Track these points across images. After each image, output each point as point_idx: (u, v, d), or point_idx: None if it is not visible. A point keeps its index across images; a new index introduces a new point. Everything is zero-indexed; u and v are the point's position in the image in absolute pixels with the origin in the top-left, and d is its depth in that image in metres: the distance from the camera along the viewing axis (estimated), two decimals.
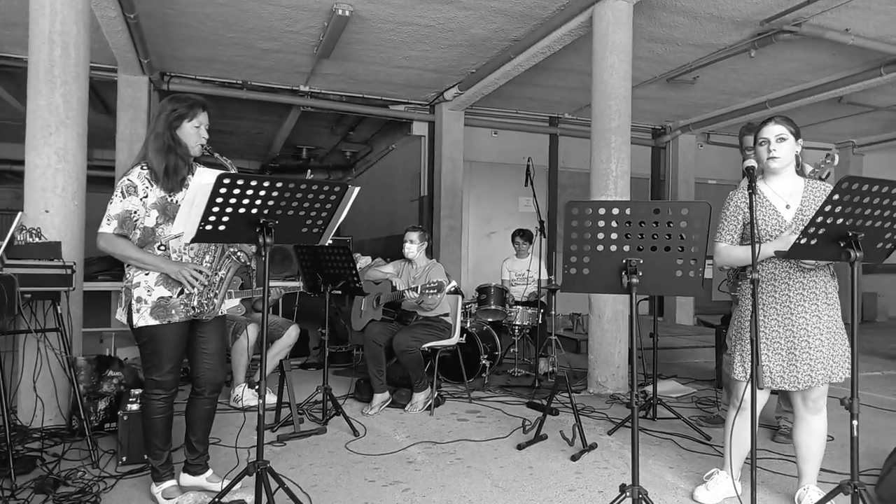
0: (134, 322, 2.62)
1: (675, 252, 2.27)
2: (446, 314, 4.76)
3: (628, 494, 2.27)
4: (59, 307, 3.55)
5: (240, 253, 2.82)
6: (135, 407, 3.23)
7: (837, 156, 3.09)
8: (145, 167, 2.64)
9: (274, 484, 2.44)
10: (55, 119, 3.88)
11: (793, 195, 2.71)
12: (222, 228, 2.34)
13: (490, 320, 5.83)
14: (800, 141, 2.73)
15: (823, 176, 3.14)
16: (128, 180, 2.60)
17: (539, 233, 5.63)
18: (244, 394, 4.38)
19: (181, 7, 5.55)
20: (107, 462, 3.25)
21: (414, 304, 4.59)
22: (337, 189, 2.45)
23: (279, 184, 2.30)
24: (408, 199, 9.97)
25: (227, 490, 2.58)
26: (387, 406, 4.48)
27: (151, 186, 2.63)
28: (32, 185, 3.88)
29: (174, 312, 2.64)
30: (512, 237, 6.34)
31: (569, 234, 2.30)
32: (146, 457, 2.88)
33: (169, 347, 2.66)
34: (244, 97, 7.85)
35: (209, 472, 2.91)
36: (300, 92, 8.05)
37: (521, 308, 5.80)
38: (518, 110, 9.11)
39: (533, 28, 5.87)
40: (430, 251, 8.24)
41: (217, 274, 2.76)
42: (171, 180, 2.65)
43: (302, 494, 2.82)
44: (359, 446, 3.64)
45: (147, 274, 2.63)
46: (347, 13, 5.48)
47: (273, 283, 5.13)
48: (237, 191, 2.25)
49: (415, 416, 4.31)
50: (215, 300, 2.75)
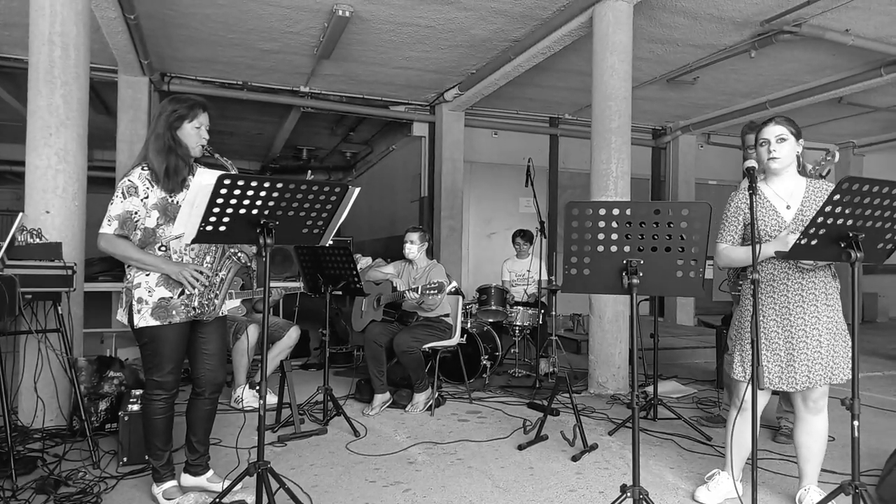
0: (135, 323, 2.63)
1: (676, 252, 2.27)
2: (447, 315, 4.76)
3: (629, 495, 2.27)
4: (60, 308, 3.55)
5: (240, 254, 2.83)
6: (135, 407, 3.23)
7: (838, 153, 3.09)
8: (146, 168, 2.64)
9: (275, 484, 2.44)
10: (55, 120, 3.89)
11: (793, 196, 2.71)
12: (223, 229, 2.34)
13: (491, 321, 5.83)
14: (801, 141, 2.72)
15: (824, 173, 3.14)
16: (128, 181, 2.61)
17: (539, 233, 5.63)
18: (245, 395, 4.38)
19: (181, 8, 5.56)
20: (108, 462, 3.25)
21: (414, 305, 4.59)
22: (337, 190, 2.45)
23: (279, 184, 2.30)
24: (408, 200, 9.97)
25: (228, 490, 2.57)
26: (387, 406, 4.48)
27: (152, 187, 2.63)
28: (33, 186, 3.88)
29: (175, 313, 2.64)
30: (513, 238, 6.34)
31: (569, 235, 2.30)
32: (147, 457, 2.89)
33: (170, 348, 2.66)
34: (244, 98, 7.85)
35: (210, 473, 2.92)
36: (300, 93, 8.05)
37: (522, 308, 5.80)
38: (518, 111, 9.11)
39: (533, 29, 5.87)
40: (431, 252, 8.24)
41: (217, 275, 2.77)
42: (172, 181, 2.66)
43: (303, 495, 2.82)
44: (359, 447, 3.64)
45: (148, 275, 2.63)
46: (348, 14, 5.49)
47: (274, 284, 5.12)
48: (238, 191, 2.25)
49: (415, 417, 4.31)
50: (216, 301, 2.76)
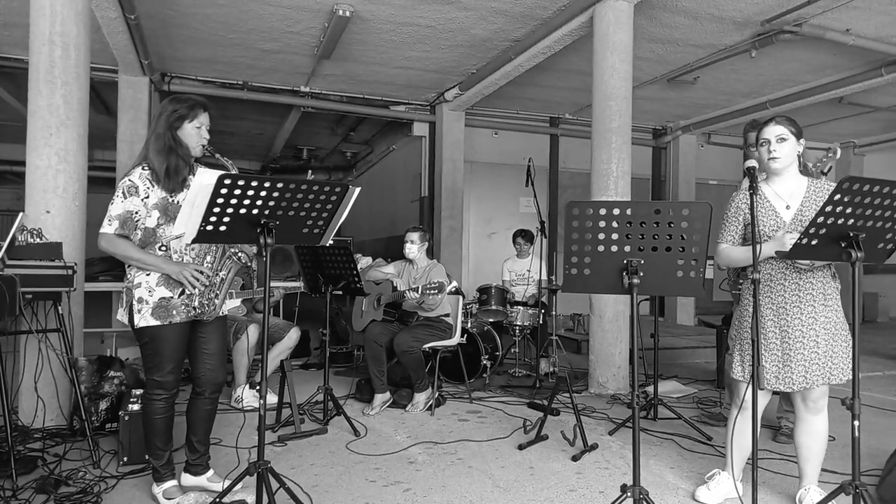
0: (135, 322, 2.63)
1: (676, 252, 2.27)
2: (447, 314, 4.76)
3: (629, 495, 2.27)
4: (60, 308, 3.55)
5: (241, 254, 2.83)
6: (136, 407, 3.23)
7: (840, 149, 3.08)
8: (146, 168, 2.64)
9: (275, 484, 2.44)
10: (56, 120, 3.89)
11: (794, 196, 2.70)
12: (223, 229, 2.34)
13: (491, 320, 5.83)
14: (802, 141, 2.72)
15: (825, 170, 3.14)
16: (129, 181, 2.61)
17: (540, 233, 5.63)
18: (245, 394, 4.38)
19: (182, 8, 5.56)
20: (108, 462, 3.25)
21: (415, 305, 4.59)
22: (338, 190, 2.45)
23: (280, 184, 2.30)
24: (408, 200, 9.97)
25: (229, 490, 2.57)
26: (388, 406, 4.48)
27: (153, 187, 2.63)
28: (33, 186, 3.88)
29: (175, 313, 2.65)
30: (513, 237, 6.34)
31: (569, 235, 2.30)
32: (147, 457, 2.90)
33: (170, 348, 2.67)
34: (245, 98, 7.85)
35: (210, 473, 2.92)
36: (301, 92, 8.05)
37: (522, 308, 5.80)
38: (519, 111, 9.10)
39: (533, 28, 5.87)
40: (431, 252, 8.24)
41: (218, 274, 2.77)
42: (173, 181, 2.66)
43: (303, 494, 2.82)
44: (360, 446, 3.64)
45: (148, 274, 2.63)
46: (348, 14, 5.49)
47: (274, 284, 5.13)
48: (238, 191, 2.25)
49: (416, 417, 4.31)
50: (216, 301, 2.76)
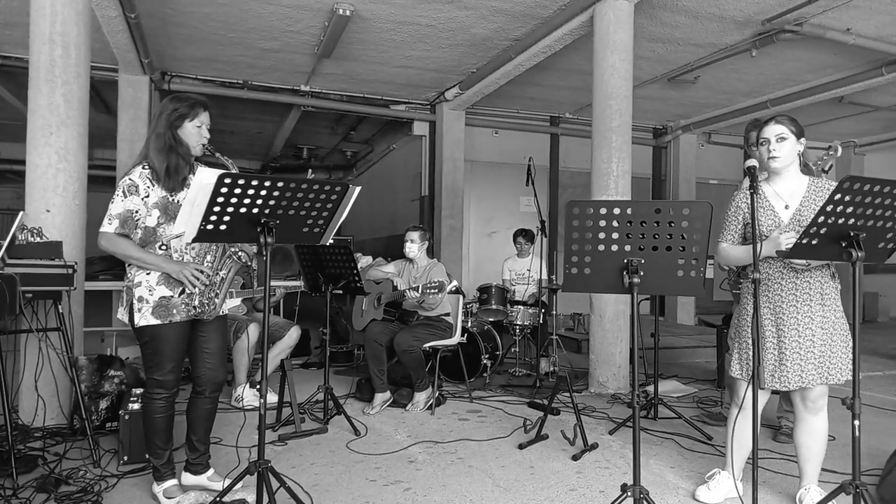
0: (135, 321, 2.63)
1: (677, 252, 2.27)
2: (447, 314, 4.76)
3: (629, 494, 2.27)
4: (61, 307, 3.55)
5: (241, 253, 2.82)
6: (136, 406, 3.23)
7: (840, 147, 3.08)
8: (147, 167, 2.64)
9: (275, 483, 2.44)
10: (56, 119, 3.89)
11: (794, 195, 2.70)
12: (223, 228, 2.34)
13: (491, 320, 5.84)
14: (802, 140, 2.71)
15: (826, 168, 3.14)
16: (129, 180, 2.61)
17: (540, 232, 5.63)
18: (245, 393, 4.38)
19: (181, 7, 5.55)
20: (108, 461, 3.25)
21: (415, 304, 4.59)
22: (338, 189, 2.45)
23: (280, 183, 2.30)
24: (408, 199, 9.97)
25: (229, 489, 2.57)
26: (388, 405, 4.48)
27: (153, 186, 2.63)
28: (33, 185, 3.88)
29: (175, 312, 2.65)
30: (514, 237, 6.33)
31: (570, 234, 2.30)
32: (147, 456, 2.90)
33: (170, 347, 2.67)
34: (245, 97, 7.85)
35: (210, 472, 2.92)
36: (301, 91, 8.05)
37: (523, 308, 5.80)
38: (519, 110, 9.10)
39: (534, 27, 5.86)
40: (431, 251, 8.25)
41: (218, 274, 2.76)
42: (173, 180, 2.65)
43: (303, 494, 2.82)
44: (360, 446, 3.64)
45: (148, 273, 2.63)
46: (348, 13, 5.48)
47: (274, 283, 5.12)
48: (238, 190, 2.25)
49: (416, 416, 4.31)
50: (216, 300, 2.75)
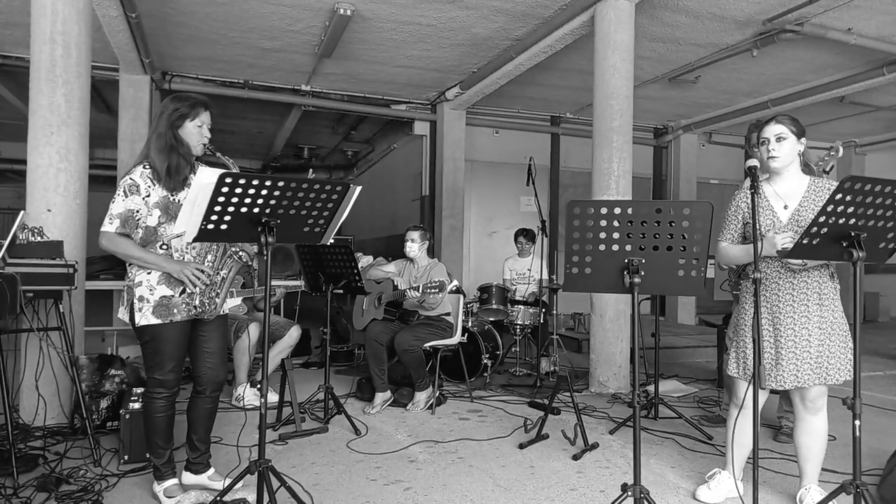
0: (136, 321, 2.63)
1: (677, 252, 2.27)
2: (448, 313, 4.76)
3: (630, 494, 2.27)
4: (61, 306, 3.55)
5: (241, 252, 2.83)
6: (137, 406, 3.23)
7: (842, 148, 3.07)
8: (147, 166, 2.64)
9: (275, 483, 2.45)
10: (57, 118, 3.89)
11: (793, 196, 2.70)
12: (224, 228, 2.34)
13: (492, 319, 5.83)
14: (803, 140, 2.71)
15: (827, 169, 3.14)
16: (130, 179, 2.61)
17: (541, 232, 5.63)
18: (246, 393, 4.38)
19: (182, 6, 5.55)
20: (109, 460, 3.26)
21: (415, 304, 4.59)
22: (338, 188, 2.45)
23: (281, 183, 2.30)
24: (409, 199, 9.97)
25: (229, 489, 2.58)
26: (388, 405, 4.48)
27: (154, 185, 2.63)
28: (34, 185, 3.89)
29: (176, 311, 2.65)
30: (515, 237, 6.33)
31: (570, 234, 2.30)
32: (148, 455, 2.90)
33: (171, 346, 2.67)
34: (245, 96, 7.85)
35: (211, 471, 2.92)
36: (302, 91, 8.05)
37: (523, 307, 5.80)
38: (520, 110, 9.10)
39: (535, 27, 5.86)
40: (432, 251, 8.24)
41: (219, 273, 2.77)
42: (174, 179, 2.66)
43: (304, 493, 2.82)
44: (360, 445, 3.64)
45: (149, 273, 2.63)
46: (349, 12, 5.48)
47: (275, 283, 5.13)
48: (239, 190, 2.25)
49: (416, 416, 4.31)
50: (217, 299, 2.76)
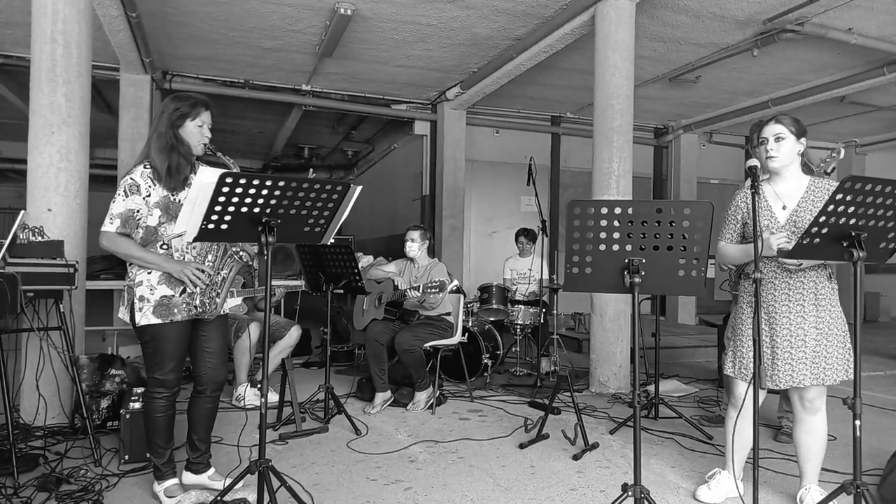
0: (136, 321, 2.63)
1: (678, 252, 2.27)
2: (448, 313, 4.76)
3: (630, 494, 2.27)
4: (62, 306, 3.56)
5: (242, 252, 2.83)
6: (137, 405, 3.23)
7: (843, 150, 3.07)
8: (148, 166, 2.64)
9: (276, 482, 2.45)
10: (57, 118, 3.89)
11: (792, 196, 2.70)
12: (224, 227, 2.34)
13: (492, 319, 5.83)
14: (802, 140, 2.71)
15: (828, 170, 3.14)
16: (131, 179, 2.61)
17: (541, 232, 5.63)
18: (246, 393, 4.38)
19: (183, 6, 5.55)
20: (109, 460, 3.26)
21: (416, 304, 4.59)
22: (339, 188, 2.45)
23: (281, 183, 2.30)
24: (409, 199, 9.97)
25: (230, 488, 2.58)
26: (389, 405, 4.48)
27: (154, 185, 2.63)
28: (35, 184, 3.89)
29: (176, 311, 2.65)
30: (516, 236, 6.33)
31: (571, 234, 2.30)
32: (148, 455, 2.90)
33: (171, 346, 2.67)
34: (246, 96, 7.85)
35: (211, 471, 2.92)
36: (302, 91, 8.05)
37: (523, 307, 5.80)
38: (520, 109, 9.10)
39: (535, 27, 5.86)
40: (432, 250, 8.21)
41: (219, 273, 2.77)
42: (174, 179, 2.66)
43: (304, 493, 2.82)
44: (360, 445, 3.64)
45: (150, 273, 2.63)
46: (349, 12, 5.48)
47: (275, 283, 5.13)
48: (239, 190, 2.25)
49: (416, 415, 4.31)
50: (217, 299, 2.76)
